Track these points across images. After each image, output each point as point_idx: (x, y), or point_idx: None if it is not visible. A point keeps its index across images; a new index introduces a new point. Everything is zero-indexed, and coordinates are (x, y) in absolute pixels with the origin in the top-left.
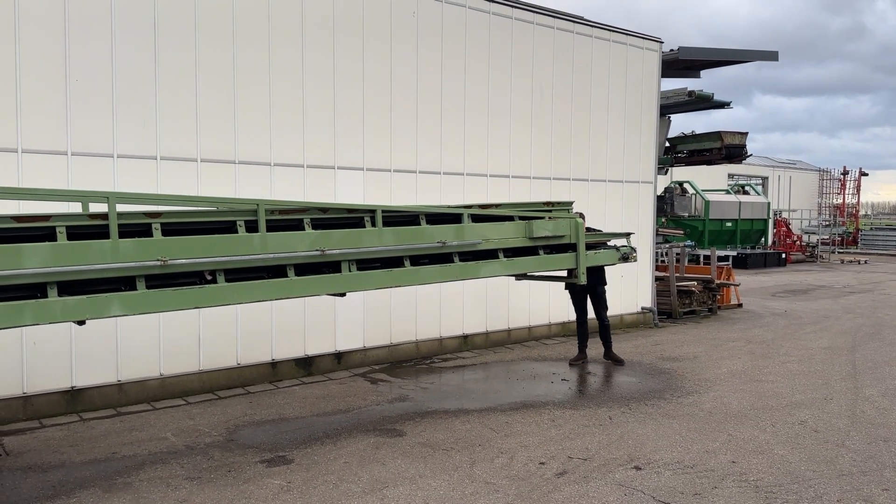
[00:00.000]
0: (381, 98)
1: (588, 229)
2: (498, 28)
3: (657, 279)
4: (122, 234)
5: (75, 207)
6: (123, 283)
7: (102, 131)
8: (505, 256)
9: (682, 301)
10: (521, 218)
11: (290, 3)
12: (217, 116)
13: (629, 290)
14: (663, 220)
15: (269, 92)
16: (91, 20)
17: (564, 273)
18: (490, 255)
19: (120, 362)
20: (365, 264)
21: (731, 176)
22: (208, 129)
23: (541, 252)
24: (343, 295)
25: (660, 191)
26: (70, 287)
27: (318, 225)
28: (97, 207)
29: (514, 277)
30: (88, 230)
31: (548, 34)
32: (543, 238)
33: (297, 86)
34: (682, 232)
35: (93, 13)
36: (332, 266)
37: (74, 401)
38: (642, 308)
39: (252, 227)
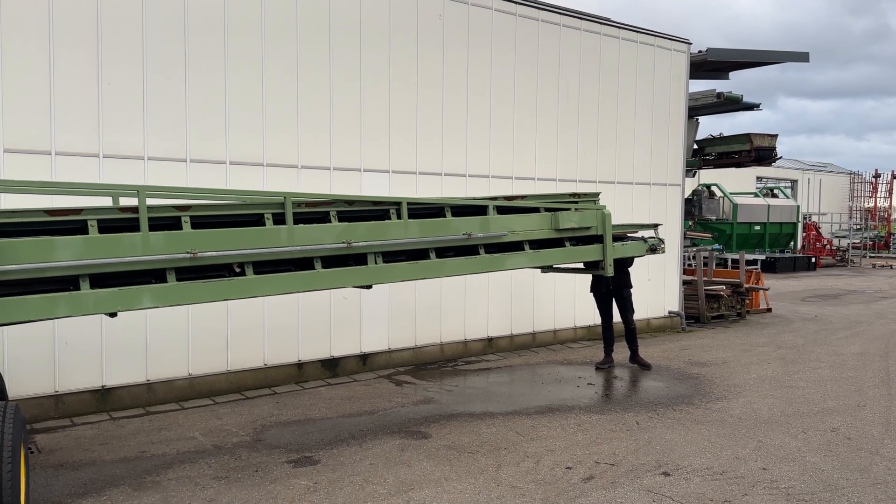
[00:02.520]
0: (408, 102)
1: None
2: (524, 30)
3: (685, 283)
4: (153, 228)
5: (106, 202)
6: (154, 275)
7: (133, 134)
8: (531, 248)
9: (710, 305)
10: (547, 209)
11: (318, 8)
12: (245, 118)
13: (656, 293)
14: (691, 223)
15: (296, 94)
16: (122, 25)
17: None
18: (516, 247)
19: (149, 362)
20: (390, 256)
21: (759, 179)
22: (237, 131)
23: (567, 244)
24: (369, 287)
25: (687, 193)
26: (101, 280)
27: (344, 217)
28: (127, 202)
29: (539, 270)
30: (119, 223)
31: (574, 36)
32: (569, 229)
33: (324, 89)
34: (709, 235)
35: (124, 18)
36: (358, 258)
37: (104, 400)
38: (669, 312)
39: (279, 219)
